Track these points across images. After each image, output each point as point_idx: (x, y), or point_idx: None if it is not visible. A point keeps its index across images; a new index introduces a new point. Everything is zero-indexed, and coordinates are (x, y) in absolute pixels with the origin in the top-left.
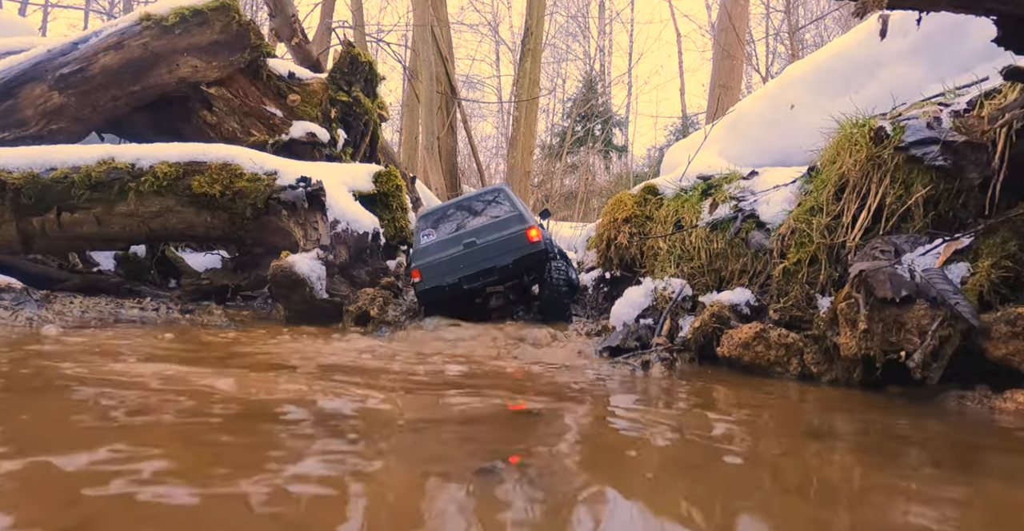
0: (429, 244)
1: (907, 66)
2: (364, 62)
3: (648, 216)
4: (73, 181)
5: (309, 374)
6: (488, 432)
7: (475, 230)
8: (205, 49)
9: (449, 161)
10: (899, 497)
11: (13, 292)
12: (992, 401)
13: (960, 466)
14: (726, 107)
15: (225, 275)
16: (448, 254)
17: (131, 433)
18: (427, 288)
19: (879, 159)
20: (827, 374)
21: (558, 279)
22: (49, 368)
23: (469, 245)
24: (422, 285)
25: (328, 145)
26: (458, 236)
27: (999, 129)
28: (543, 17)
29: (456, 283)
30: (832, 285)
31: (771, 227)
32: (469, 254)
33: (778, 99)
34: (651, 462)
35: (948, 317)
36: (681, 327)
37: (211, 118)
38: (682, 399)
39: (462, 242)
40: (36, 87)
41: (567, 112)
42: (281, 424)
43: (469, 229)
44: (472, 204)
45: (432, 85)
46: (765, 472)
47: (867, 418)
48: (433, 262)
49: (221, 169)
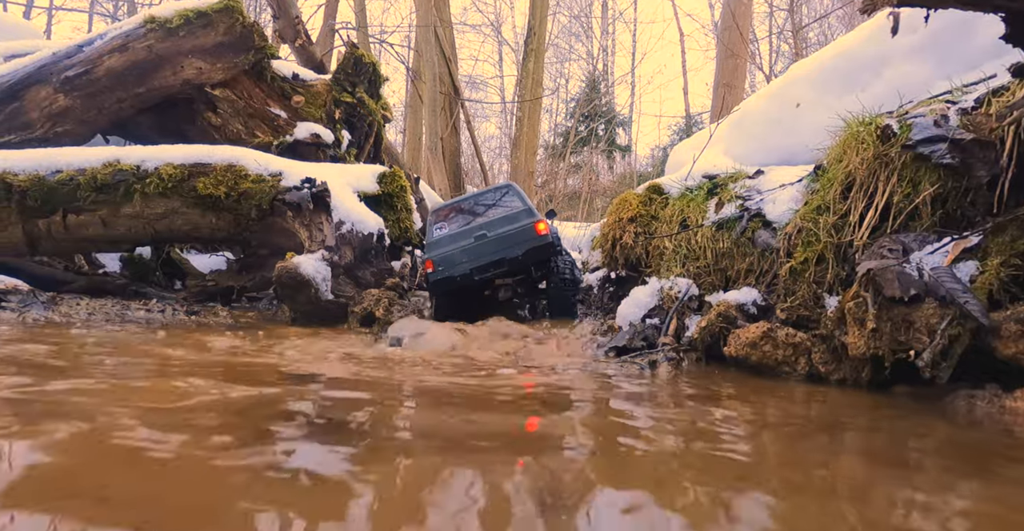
0: (442, 236)
1: (914, 64)
2: (368, 63)
3: (653, 215)
4: (79, 183)
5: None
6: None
7: (486, 223)
8: (209, 51)
9: (453, 161)
10: (908, 500)
11: (20, 294)
12: (1002, 400)
13: (973, 469)
14: (730, 106)
15: (230, 276)
16: (459, 246)
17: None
18: (439, 278)
19: (886, 157)
20: (835, 374)
21: (564, 269)
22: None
23: (480, 237)
24: (435, 275)
25: (332, 146)
26: (469, 229)
27: (1007, 127)
28: (546, 17)
29: (468, 273)
30: (839, 284)
31: (777, 226)
32: (480, 246)
33: (783, 98)
34: (654, 459)
35: (957, 316)
36: (688, 327)
37: (215, 120)
38: (688, 398)
39: (473, 235)
40: (41, 90)
41: (570, 112)
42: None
43: (480, 222)
44: (482, 199)
45: (435, 86)
46: (772, 474)
47: (876, 417)
48: (445, 253)
49: (226, 170)
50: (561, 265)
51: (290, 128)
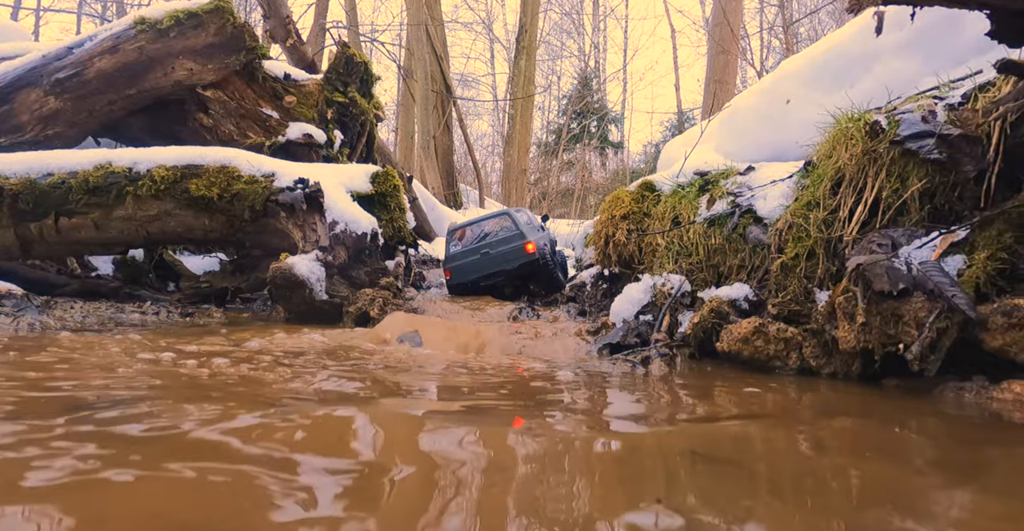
0: (456, 252)
1: (902, 60)
2: (359, 62)
3: (646, 213)
4: (71, 186)
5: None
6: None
7: (488, 243)
8: (200, 52)
9: (445, 160)
10: (902, 494)
11: (14, 298)
12: (990, 391)
13: (965, 460)
14: (722, 102)
15: (224, 277)
16: (469, 260)
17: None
18: (455, 284)
19: (875, 153)
20: (826, 368)
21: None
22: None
23: (484, 254)
24: (451, 281)
25: (325, 146)
26: (476, 247)
27: (993, 122)
28: (537, 14)
29: (476, 280)
30: (830, 279)
31: (768, 222)
32: (484, 260)
33: (773, 94)
34: (642, 456)
35: (945, 309)
36: (680, 323)
37: (207, 121)
38: (680, 392)
39: (479, 251)
40: (32, 92)
41: (563, 109)
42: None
43: (485, 242)
44: (485, 223)
45: (427, 84)
46: (761, 473)
47: (867, 410)
48: (459, 265)
49: (219, 172)
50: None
51: (282, 128)
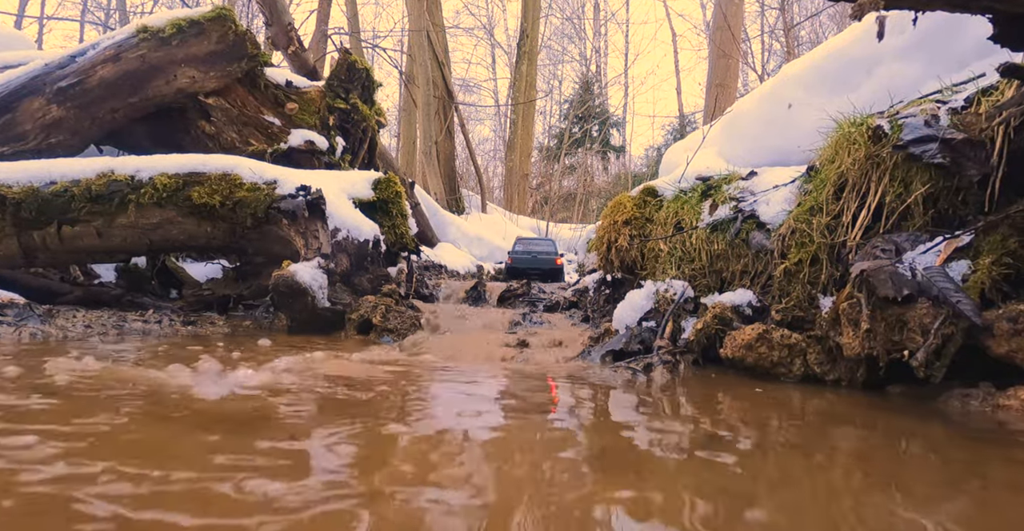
0: (519, 250)
1: (904, 64)
2: (361, 69)
3: (648, 218)
4: (73, 194)
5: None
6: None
7: (537, 251)
8: (202, 59)
9: (447, 165)
10: (906, 504)
11: (16, 308)
12: (996, 398)
13: (970, 472)
14: (723, 106)
15: (226, 285)
16: (523, 257)
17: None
18: (511, 268)
19: (878, 158)
20: (830, 374)
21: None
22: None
23: (533, 256)
24: (511, 266)
25: (327, 153)
26: (528, 251)
27: (997, 126)
28: (538, 19)
29: (523, 269)
30: (833, 285)
31: (771, 227)
32: (531, 259)
33: (775, 98)
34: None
35: (950, 315)
36: (683, 329)
37: (209, 128)
38: (683, 400)
39: (530, 253)
40: (34, 101)
41: (564, 114)
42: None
43: (533, 250)
44: (539, 241)
45: (429, 90)
46: (762, 482)
47: (872, 419)
48: (518, 257)
49: (221, 179)
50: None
51: (284, 135)
